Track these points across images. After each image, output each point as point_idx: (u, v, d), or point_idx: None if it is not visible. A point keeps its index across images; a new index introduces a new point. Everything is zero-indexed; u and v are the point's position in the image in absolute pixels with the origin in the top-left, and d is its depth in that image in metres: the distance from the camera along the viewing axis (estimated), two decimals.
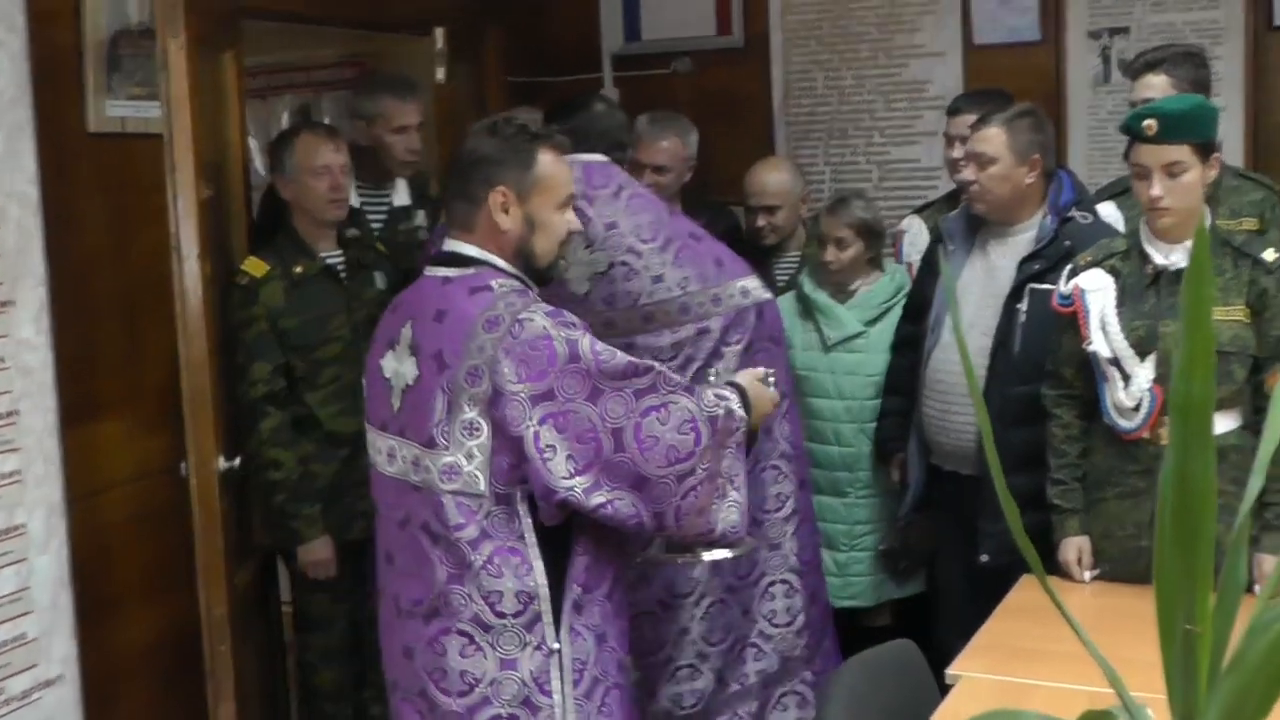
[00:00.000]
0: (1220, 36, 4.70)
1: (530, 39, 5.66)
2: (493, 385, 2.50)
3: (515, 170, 2.68)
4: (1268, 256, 3.25)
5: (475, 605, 2.56)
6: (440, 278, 2.70)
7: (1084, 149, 4.91)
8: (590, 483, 2.52)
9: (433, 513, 2.58)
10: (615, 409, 2.53)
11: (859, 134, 5.27)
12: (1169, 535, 1.17)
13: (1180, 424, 1.17)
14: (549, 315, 2.56)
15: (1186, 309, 1.14)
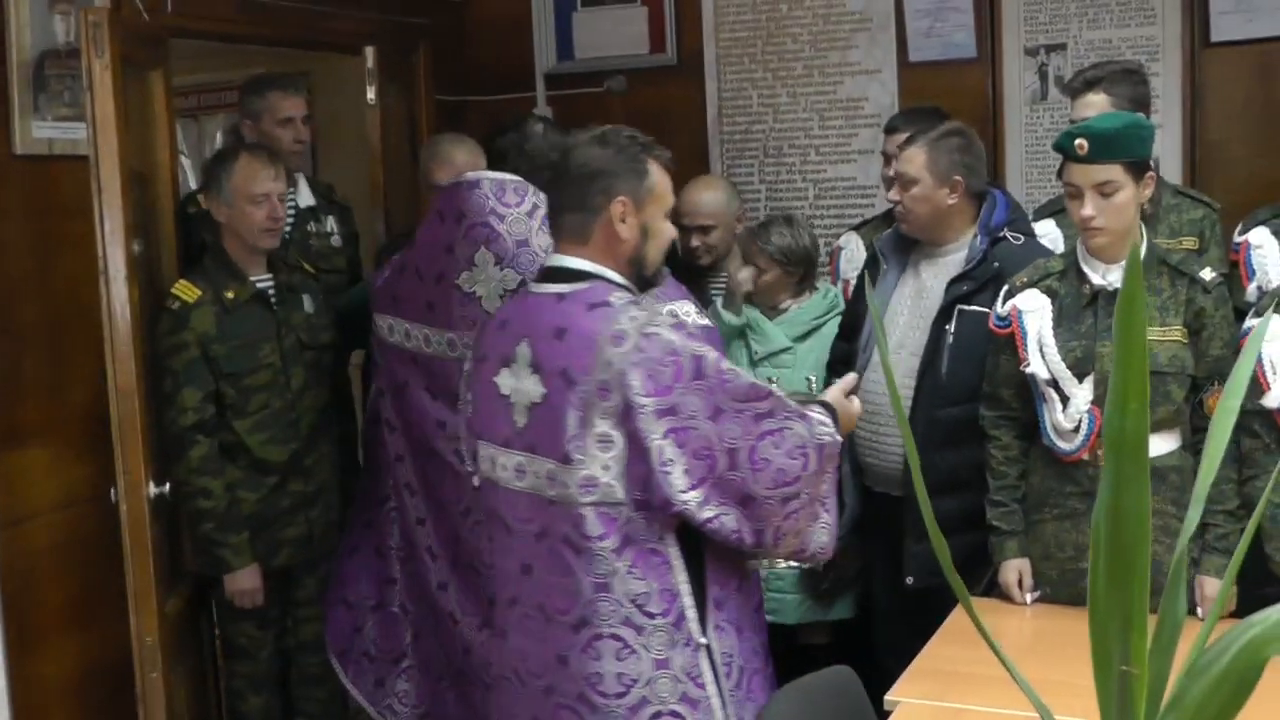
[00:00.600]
0: (1157, 53, 4.72)
1: (461, 58, 5.64)
2: (624, 399, 2.54)
3: (632, 180, 2.71)
4: (1205, 275, 3.25)
5: (625, 609, 2.62)
6: (553, 294, 2.71)
7: (1021, 166, 4.92)
8: (702, 497, 2.58)
9: (572, 526, 2.63)
10: (733, 430, 2.57)
11: (794, 152, 5.27)
12: (1103, 570, 1.14)
13: (1113, 455, 1.13)
14: (675, 329, 2.62)
15: (1119, 337, 1.11)
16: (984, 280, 3.66)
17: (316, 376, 4.08)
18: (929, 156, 3.75)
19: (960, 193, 3.76)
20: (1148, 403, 1.13)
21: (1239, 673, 1.08)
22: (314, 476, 4.06)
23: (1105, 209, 3.16)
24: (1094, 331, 3.23)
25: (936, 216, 3.79)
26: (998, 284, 3.57)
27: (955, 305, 3.69)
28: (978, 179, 3.80)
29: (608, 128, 2.78)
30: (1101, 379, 3.19)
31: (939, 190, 3.75)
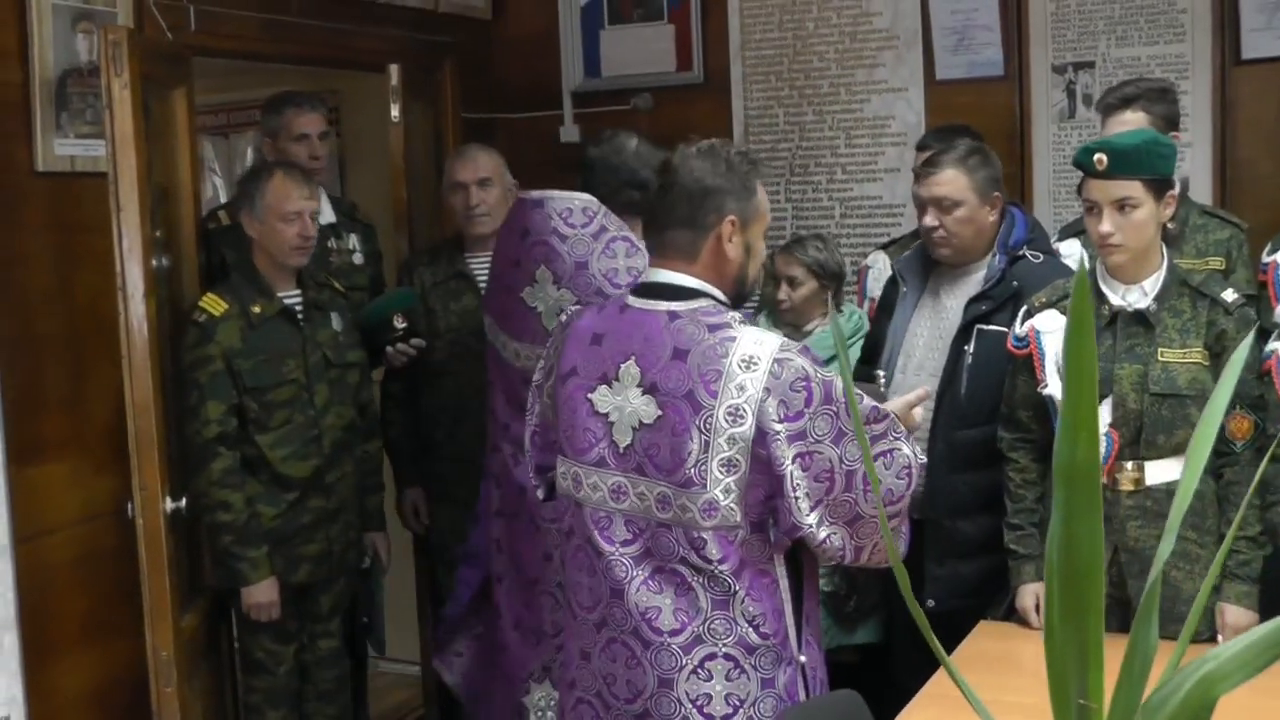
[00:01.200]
0: (1186, 71, 4.67)
1: (488, 76, 5.65)
2: (757, 424, 2.52)
3: (742, 198, 2.68)
4: (1227, 297, 3.20)
5: (740, 629, 2.62)
6: (665, 312, 2.66)
7: (1048, 185, 4.88)
8: (819, 518, 2.57)
9: (690, 548, 2.61)
10: (853, 452, 2.55)
11: (820, 170, 5.24)
12: (1057, 602, 1.11)
13: (1064, 485, 1.10)
14: (803, 353, 2.60)
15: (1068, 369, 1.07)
16: (1003, 299, 3.62)
17: (341, 394, 4.09)
18: (969, 177, 3.68)
19: (999, 209, 3.73)
20: (1098, 433, 1.10)
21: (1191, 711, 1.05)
22: (335, 493, 4.08)
23: (1123, 225, 3.12)
24: (1112, 353, 3.19)
25: (980, 235, 3.73)
26: (1017, 303, 3.53)
27: (974, 325, 3.65)
28: (1004, 194, 3.78)
29: (715, 141, 2.74)
30: (1120, 401, 3.16)
31: (982, 209, 3.69)
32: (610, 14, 5.53)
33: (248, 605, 3.88)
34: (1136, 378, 3.15)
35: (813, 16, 5.19)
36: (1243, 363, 1.29)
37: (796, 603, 2.69)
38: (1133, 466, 3.18)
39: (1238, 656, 1.13)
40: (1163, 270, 3.22)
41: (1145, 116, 3.84)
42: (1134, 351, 3.18)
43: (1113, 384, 3.17)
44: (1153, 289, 3.20)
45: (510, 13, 5.70)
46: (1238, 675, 1.11)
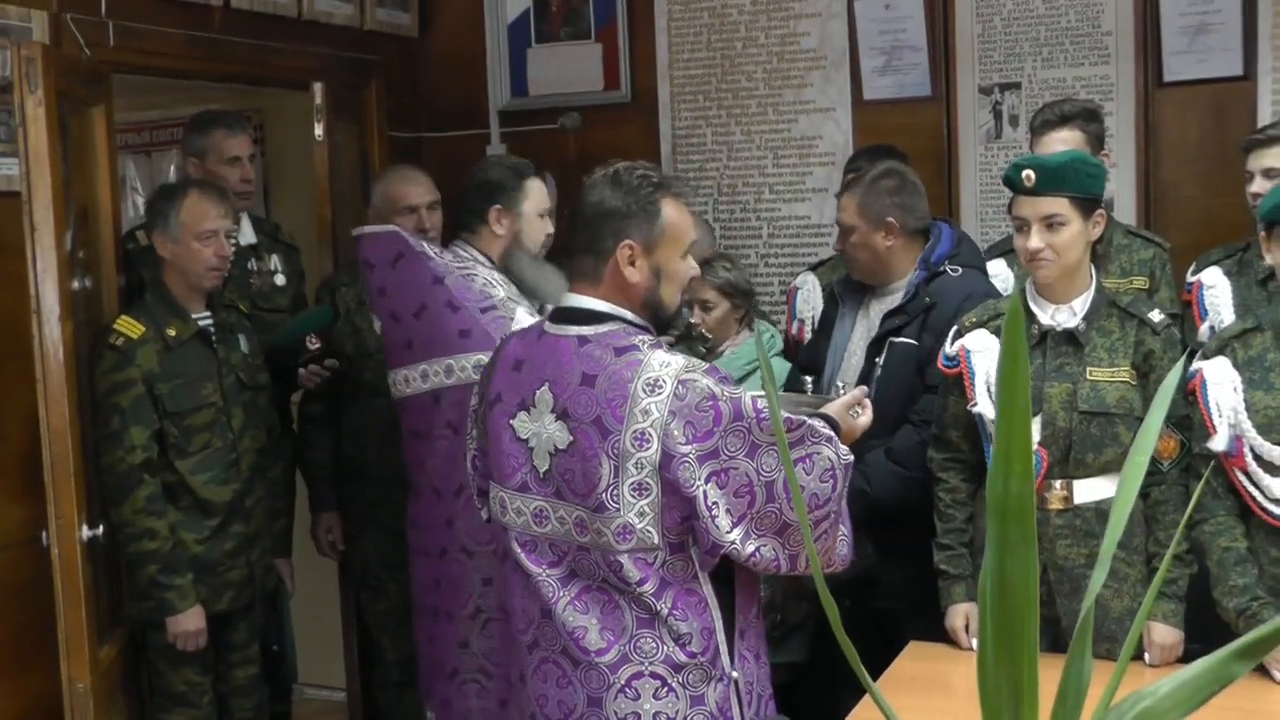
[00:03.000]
0: (1111, 92, 4.71)
1: (414, 94, 5.60)
2: (662, 448, 2.52)
3: (642, 223, 2.67)
4: (1155, 317, 3.23)
5: (666, 647, 2.62)
6: (575, 337, 2.67)
7: (975, 205, 4.90)
8: (744, 533, 2.57)
9: (610, 571, 2.61)
10: (769, 463, 2.56)
11: (748, 190, 5.24)
12: (990, 638, 1.08)
13: (998, 520, 1.07)
14: (708, 373, 2.59)
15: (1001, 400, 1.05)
16: (915, 314, 3.69)
17: (255, 416, 4.05)
18: (860, 203, 3.78)
19: (896, 234, 3.77)
20: (1032, 465, 1.08)
21: None
22: (254, 518, 4.03)
23: (1051, 242, 3.14)
24: (1042, 372, 3.20)
25: (877, 260, 3.81)
26: (928, 317, 3.63)
27: (887, 338, 3.73)
28: (914, 217, 3.81)
29: (621, 165, 2.74)
30: (1049, 420, 3.17)
31: (874, 234, 3.77)
32: (537, 33, 5.50)
33: (174, 635, 3.80)
34: (1065, 396, 3.17)
35: (741, 36, 5.19)
36: (1175, 386, 1.27)
37: (728, 618, 2.68)
38: (1061, 485, 3.19)
39: (1173, 694, 1.12)
40: (1091, 290, 3.24)
41: (1080, 135, 3.89)
42: (1063, 370, 3.19)
43: (1042, 402, 3.18)
44: (1082, 308, 3.22)
45: (437, 31, 5.65)
46: (1175, 711, 1.10)
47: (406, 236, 3.63)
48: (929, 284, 3.74)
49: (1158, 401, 1.19)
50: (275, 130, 5.77)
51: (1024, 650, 1.06)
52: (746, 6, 5.17)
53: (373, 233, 3.68)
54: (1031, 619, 1.07)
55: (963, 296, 3.64)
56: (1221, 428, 3.06)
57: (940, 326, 3.67)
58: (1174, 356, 3.22)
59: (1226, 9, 4.51)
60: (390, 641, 4.52)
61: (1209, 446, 3.07)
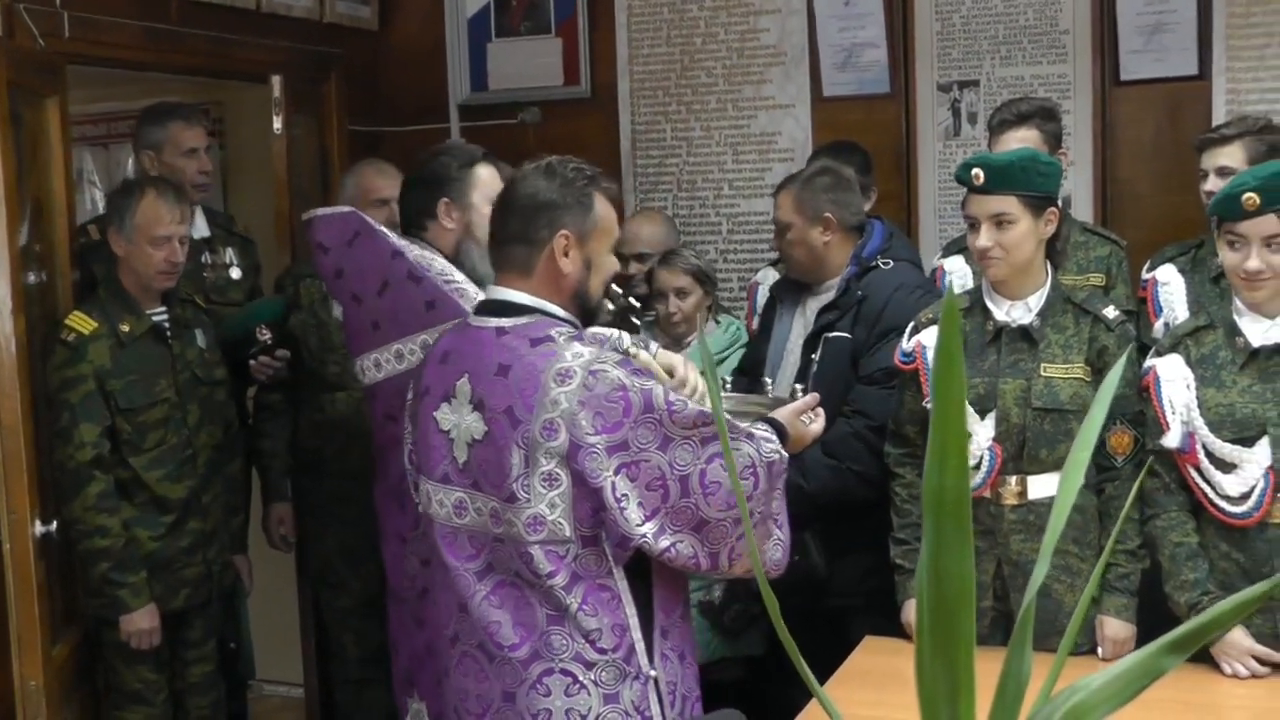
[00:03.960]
0: (1069, 91, 4.73)
1: (374, 87, 5.57)
2: (570, 438, 2.52)
3: (577, 213, 2.69)
4: (1109, 314, 3.25)
5: (576, 644, 2.61)
6: (494, 328, 2.68)
7: (934, 202, 4.92)
8: (657, 528, 2.56)
9: (522, 563, 2.60)
10: (683, 456, 2.55)
11: (708, 186, 5.24)
12: (927, 633, 1.09)
13: (933, 516, 1.07)
14: (620, 365, 2.58)
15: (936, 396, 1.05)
16: (847, 308, 3.75)
17: (211, 412, 4.02)
18: (797, 199, 3.84)
19: (834, 229, 3.82)
20: (968, 460, 1.08)
21: None
22: (210, 514, 4.01)
23: (1001, 240, 3.16)
24: (997, 368, 3.22)
25: (814, 256, 3.86)
26: (861, 310, 3.70)
27: (822, 334, 3.78)
28: (850, 213, 3.86)
29: (554, 158, 2.75)
30: (1003, 415, 3.19)
31: (811, 230, 3.82)
32: (498, 27, 5.49)
33: (127, 633, 3.77)
34: (1020, 392, 3.18)
35: (700, 32, 5.19)
36: (1118, 381, 1.28)
37: (646, 615, 2.67)
38: (1016, 481, 3.21)
39: (1107, 686, 1.13)
40: (1047, 287, 3.26)
41: (1038, 134, 3.91)
42: (1018, 366, 3.21)
43: (996, 398, 3.20)
44: (1037, 305, 3.24)
45: (397, 24, 5.63)
46: (1107, 705, 1.10)
47: (363, 216, 3.55)
48: (861, 279, 3.80)
49: (1099, 397, 1.19)
50: (235, 123, 5.73)
51: (960, 643, 1.07)
52: (706, 3, 5.17)
53: (327, 214, 3.55)
54: (968, 612, 1.07)
55: (893, 288, 3.71)
56: (1174, 424, 3.08)
57: (872, 318, 3.72)
58: (1129, 353, 3.25)
59: (1182, 9, 4.54)
60: (353, 638, 4.49)
61: (1162, 443, 3.10)
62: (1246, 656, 3.01)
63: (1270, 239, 2.96)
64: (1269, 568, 3.01)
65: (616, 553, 2.60)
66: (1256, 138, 3.73)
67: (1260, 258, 2.97)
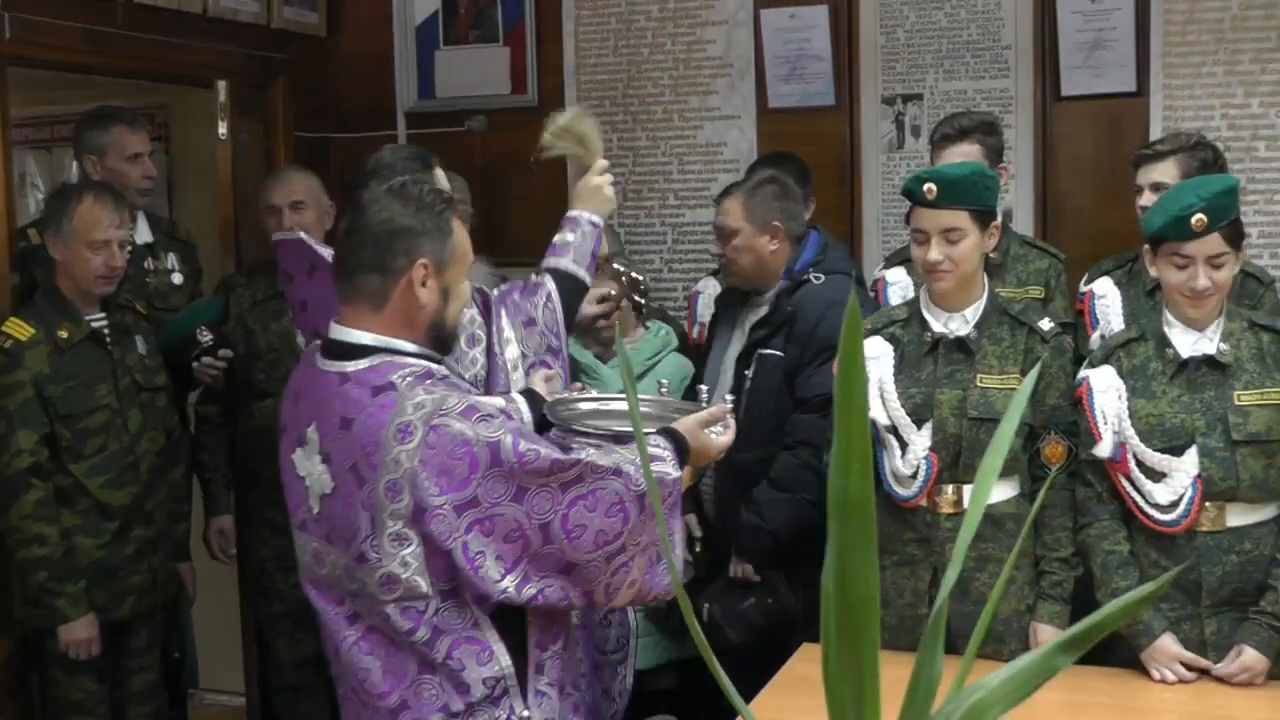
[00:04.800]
0: (1010, 105, 4.79)
1: (322, 94, 5.56)
2: (414, 500, 2.36)
3: (436, 240, 2.52)
4: (1044, 325, 3.30)
5: (446, 695, 2.48)
6: (337, 374, 2.49)
7: (877, 214, 4.96)
8: (520, 578, 2.43)
9: (381, 619, 2.47)
10: (541, 504, 2.42)
11: (653, 196, 5.26)
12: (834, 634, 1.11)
13: (838, 518, 1.09)
14: (463, 415, 2.40)
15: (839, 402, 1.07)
16: (779, 324, 3.79)
17: (153, 418, 4.00)
18: (745, 206, 3.87)
19: (781, 238, 3.86)
20: (870, 464, 1.11)
21: None
22: (154, 522, 3.98)
23: (951, 254, 3.20)
24: (934, 378, 3.26)
25: (759, 264, 3.90)
26: (793, 327, 3.74)
27: (755, 350, 3.82)
28: (797, 224, 3.90)
29: (407, 179, 2.62)
30: (940, 425, 3.22)
31: (759, 238, 3.87)
32: (446, 35, 5.49)
33: (66, 643, 3.74)
34: (956, 402, 3.22)
35: (648, 43, 5.22)
36: (1029, 391, 1.31)
37: (519, 660, 2.54)
38: (952, 490, 3.25)
39: (1004, 685, 1.15)
40: (983, 299, 3.30)
41: (979, 148, 3.95)
42: (954, 377, 3.25)
43: (933, 408, 3.23)
44: (974, 317, 3.28)
45: (345, 31, 5.62)
46: (1004, 702, 1.13)
47: (312, 244, 3.50)
48: (793, 294, 3.83)
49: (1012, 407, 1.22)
50: (181, 127, 5.72)
51: (865, 645, 1.09)
52: (654, 13, 5.20)
53: (284, 240, 3.49)
54: (872, 615, 1.09)
55: (825, 305, 3.74)
56: (1106, 434, 3.13)
57: (804, 337, 3.75)
58: (1063, 364, 3.30)
59: (1121, 27, 4.61)
60: (286, 644, 4.48)
61: (1095, 453, 3.14)
62: (1174, 663, 3.06)
63: (1213, 258, 3.02)
64: (1196, 574, 3.07)
65: (479, 606, 2.47)
66: (1189, 154, 3.79)
67: (1206, 276, 3.03)
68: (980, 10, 4.80)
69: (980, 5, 4.79)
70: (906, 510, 3.28)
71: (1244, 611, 3.07)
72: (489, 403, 2.52)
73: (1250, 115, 4.54)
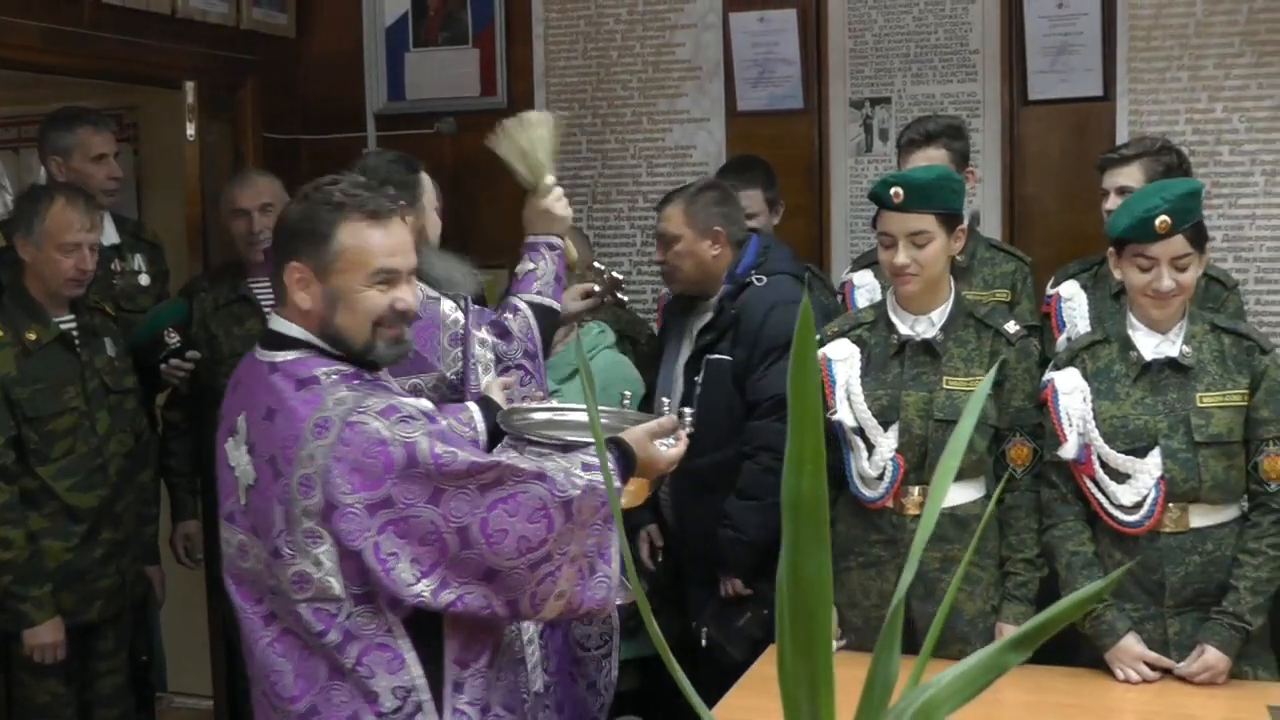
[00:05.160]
0: (978, 109, 4.82)
1: (291, 95, 5.55)
2: (325, 497, 2.32)
3: (311, 245, 2.44)
4: (1010, 328, 3.32)
5: (355, 704, 2.42)
6: (268, 364, 2.48)
7: (845, 217, 4.98)
8: (437, 583, 2.36)
9: (294, 619, 2.42)
10: (459, 508, 2.36)
11: (622, 198, 5.28)
12: (788, 633, 1.12)
13: (791, 518, 1.10)
14: (382, 414, 2.36)
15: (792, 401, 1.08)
16: (724, 328, 3.83)
17: (121, 420, 3.98)
18: (687, 212, 3.90)
19: (723, 243, 3.90)
20: (824, 464, 1.12)
21: None
22: (123, 524, 3.96)
23: (917, 257, 3.22)
24: (900, 381, 3.28)
25: (702, 270, 3.93)
26: (737, 330, 3.77)
27: (703, 355, 3.85)
28: (739, 229, 3.94)
29: (325, 179, 2.55)
30: (905, 427, 3.24)
31: (701, 243, 3.90)
32: (415, 37, 5.49)
33: (31, 647, 3.72)
34: (922, 404, 3.24)
35: (617, 45, 5.23)
36: (987, 391, 1.32)
37: (434, 673, 2.47)
38: (918, 491, 3.27)
39: (955, 682, 1.17)
40: (950, 302, 3.32)
41: (946, 153, 3.97)
42: (920, 379, 3.27)
43: (899, 410, 3.25)
44: (940, 319, 3.30)
45: (315, 32, 5.60)
46: (955, 699, 1.14)
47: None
48: (736, 297, 3.86)
49: (970, 406, 1.24)
50: (150, 128, 5.69)
51: (818, 643, 1.10)
52: (623, 16, 5.21)
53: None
54: (825, 613, 1.11)
55: (768, 306, 3.77)
56: (1071, 436, 3.15)
57: (750, 339, 3.78)
58: (1028, 366, 3.32)
59: (1088, 31, 4.64)
60: None
61: (1060, 454, 3.17)
62: (1138, 662, 3.08)
63: (1177, 259, 3.05)
64: (1160, 575, 3.10)
65: (393, 611, 2.41)
66: (1154, 158, 3.83)
67: (1170, 277, 3.05)
68: (948, 15, 4.83)
69: (948, 9, 4.82)
70: (873, 512, 3.30)
71: (1206, 611, 3.10)
72: (412, 404, 2.46)
73: (1214, 120, 4.58)
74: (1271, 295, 4.56)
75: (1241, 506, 3.16)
